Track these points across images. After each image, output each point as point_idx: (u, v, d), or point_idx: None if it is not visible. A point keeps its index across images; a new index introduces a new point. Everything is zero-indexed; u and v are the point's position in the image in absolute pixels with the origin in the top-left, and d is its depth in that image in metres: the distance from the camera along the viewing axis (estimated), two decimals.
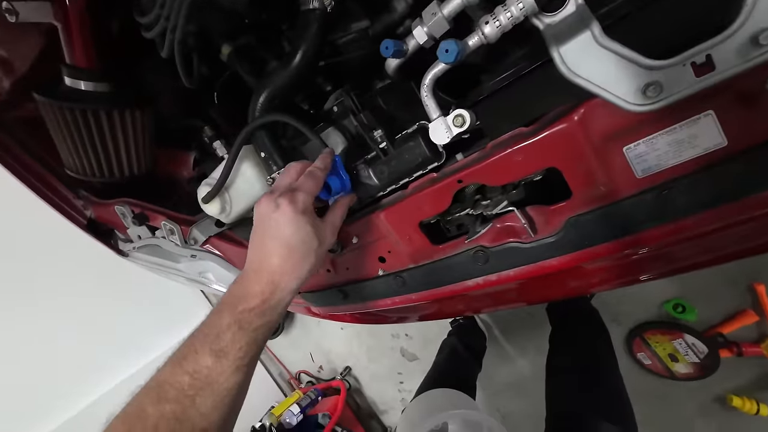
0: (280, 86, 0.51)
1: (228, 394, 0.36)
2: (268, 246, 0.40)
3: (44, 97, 0.58)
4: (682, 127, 0.32)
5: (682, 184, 0.33)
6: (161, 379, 0.35)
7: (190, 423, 0.33)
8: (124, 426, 0.33)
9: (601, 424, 0.73)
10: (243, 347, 0.36)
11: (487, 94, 0.38)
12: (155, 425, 0.32)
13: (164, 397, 0.34)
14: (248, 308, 0.37)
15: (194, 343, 0.36)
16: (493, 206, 0.41)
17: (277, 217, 0.39)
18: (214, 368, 0.35)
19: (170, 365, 0.36)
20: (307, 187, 0.41)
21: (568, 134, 0.34)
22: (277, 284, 0.39)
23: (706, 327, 1.05)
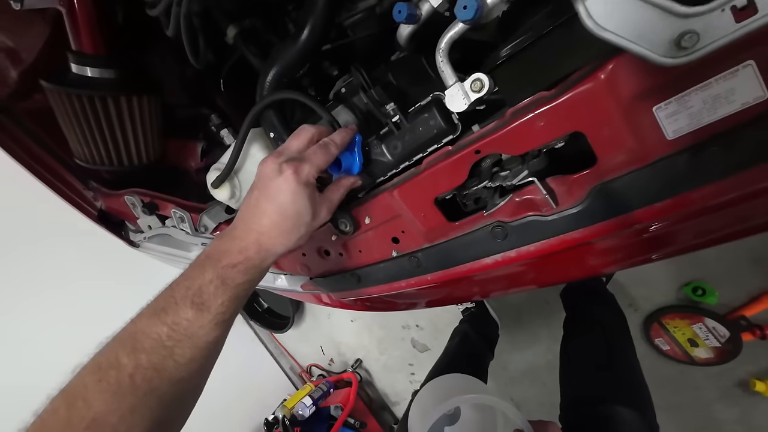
0: (288, 63, 0.49)
1: (206, 347, 0.35)
2: (262, 207, 0.40)
3: (51, 83, 0.57)
4: (718, 81, 0.30)
5: (718, 143, 0.31)
6: (136, 330, 0.34)
7: (167, 373, 0.33)
8: (95, 376, 0.32)
9: (618, 409, 0.71)
10: (225, 302, 0.36)
11: (506, 58, 0.36)
12: (131, 374, 0.31)
13: (140, 348, 0.33)
14: (231, 264, 0.37)
15: (174, 295, 0.35)
16: (513, 177, 0.39)
17: (279, 182, 0.39)
18: (194, 321, 0.34)
19: (146, 316, 0.35)
20: (316, 161, 0.41)
21: (593, 95, 0.32)
22: (261, 245, 0.39)
23: (728, 310, 1.02)
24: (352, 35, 0.58)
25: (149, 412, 0.32)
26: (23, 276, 1.41)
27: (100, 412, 0.30)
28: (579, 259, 0.52)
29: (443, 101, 0.42)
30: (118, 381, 0.31)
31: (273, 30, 0.66)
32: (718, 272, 1.00)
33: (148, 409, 0.32)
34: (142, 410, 0.31)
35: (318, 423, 1.71)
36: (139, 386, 0.31)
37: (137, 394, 0.31)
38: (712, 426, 1.18)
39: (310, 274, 0.67)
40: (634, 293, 1.15)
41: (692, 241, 0.43)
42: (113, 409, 0.30)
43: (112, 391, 0.31)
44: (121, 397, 0.31)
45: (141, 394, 0.31)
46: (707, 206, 0.34)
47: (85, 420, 0.29)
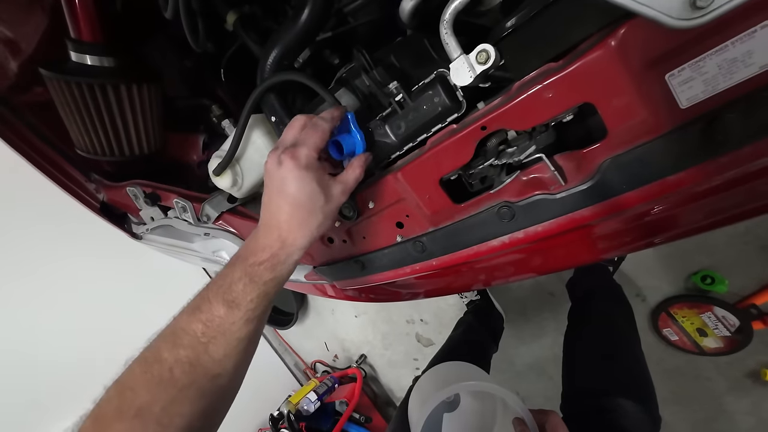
0: (288, 45, 0.49)
1: (239, 344, 0.37)
2: (275, 202, 0.40)
3: (50, 72, 0.57)
4: (734, 43, 0.28)
5: (736, 110, 0.30)
6: (176, 327, 0.36)
7: (203, 368, 0.35)
8: (141, 368, 0.34)
9: (620, 400, 0.70)
10: (254, 299, 0.37)
11: (512, 29, 0.35)
12: (170, 368, 0.34)
13: (179, 343, 0.35)
14: (258, 262, 0.38)
15: (208, 294, 0.37)
16: (520, 153, 0.38)
17: (282, 173, 0.39)
18: (226, 318, 0.36)
19: (185, 314, 0.37)
20: (309, 142, 0.40)
21: (603, 63, 0.31)
22: (284, 240, 0.39)
23: (738, 298, 1.00)
24: (353, 22, 0.57)
25: (189, 403, 0.34)
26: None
27: (145, 402, 0.33)
28: (588, 241, 0.51)
29: (447, 78, 0.41)
30: (160, 374, 0.34)
31: (273, 17, 0.65)
32: (728, 260, 0.98)
33: (188, 400, 0.34)
34: (182, 402, 0.34)
35: (323, 418, 1.71)
36: (178, 379, 0.34)
37: (177, 386, 0.34)
38: (722, 417, 1.16)
39: (314, 262, 0.67)
40: (641, 283, 1.14)
41: (707, 219, 0.42)
42: (156, 400, 0.33)
43: (155, 382, 0.33)
44: (163, 389, 0.33)
45: (180, 386, 0.34)
46: (724, 178, 0.33)
47: (132, 408, 0.32)
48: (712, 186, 0.35)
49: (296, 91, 0.65)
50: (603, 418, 0.70)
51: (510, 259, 0.59)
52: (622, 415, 0.69)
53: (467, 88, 0.41)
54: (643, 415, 0.69)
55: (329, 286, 0.83)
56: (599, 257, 0.55)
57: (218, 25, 0.62)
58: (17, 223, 1.35)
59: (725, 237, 0.95)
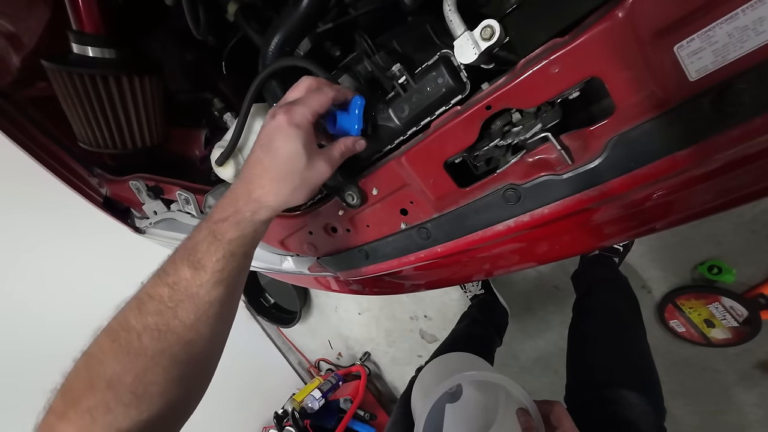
0: (290, 31, 0.48)
1: (211, 308, 0.35)
2: (255, 154, 0.38)
3: (52, 63, 0.56)
4: (745, 11, 0.28)
5: (746, 80, 0.29)
6: (142, 293, 0.34)
7: (174, 334, 0.33)
8: (109, 338, 0.33)
9: (624, 392, 0.70)
10: (219, 260, 0.35)
11: (516, 4, 0.35)
12: (139, 335, 0.32)
13: (146, 310, 0.33)
14: (222, 218, 0.36)
15: (174, 257, 0.35)
16: (526, 131, 0.38)
17: (271, 127, 0.37)
18: (192, 280, 0.34)
19: (152, 279, 0.35)
20: (309, 103, 0.38)
21: (611, 35, 0.31)
22: (251, 193, 0.37)
23: (746, 288, 0.99)
24: (354, 12, 0.57)
25: (162, 371, 0.32)
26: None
27: (115, 372, 0.31)
28: (594, 225, 0.51)
29: (451, 59, 0.41)
30: (129, 342, 0.32)
31: (273, 6, 0.65)
32: (735, 249, 0.97)
33: (161, 368, 0.32)
34: (155, 369, 0.32)
35: (328, 416, 1.71)
36: (147, 347, 0.32)
37: (148, 354, 0.32)
38: (731, 409, 1.15)
39: (317, 253, 0.66)
40: (646, 275, 1.13)
41: (718, 199, 0.41)
42: (128, 369, 0.31)
43: (125, 351, 0.32)
44: (134, 358, 0.32)
45: (151, 354, 0.32)
46: (736, 152, 0.32)
47: (103, 379, 0.31)
48: (723, 162, 0.35)
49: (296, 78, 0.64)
50: (606, 410, 0.69)
51: (514, 246, 0.58)
52: (626, 406, 0.68)
53: (471, 68, 0.40)
54: (647, 407, 0.68)
55: (333, 279, 0.83)
56: (606, 242, 0.55)
57: (219, 17, 0.62)
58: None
59: (732, 226, 0.94)
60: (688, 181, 0.40)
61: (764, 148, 0.33)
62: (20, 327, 1.40)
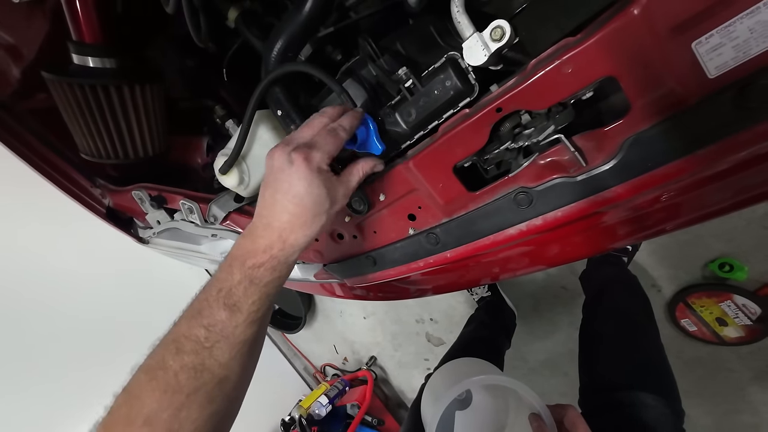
0: (292, 36, 0.47)
1: (243, 347, 0.37)
2: (279, 202, 0.39)
3: (52, 74, 0.56)
4: (767, 4, 0.27)
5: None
6: (178, 334, 0.36)
7: (210, 372, 0.35)
8: (147, 376, 0.34)
9: (641, 395, 0.68)
10: (255, 301, 0.37)
11: (527, 4, 0.34)
12: (176, 374, 0.34)
13: (182, 350, 0.35)
14: (257, 264, 0.37)
15: (208, 298, 0.37)
16: (538, 133, 0.37)
17: (291, 173, 0.38)
18: (228, 322, 0.36)
19: (185, 320, 0.37)
20: (325, 147, 0.39)
21: (626, 33, 0.30)
22: (285, 240, 0.38)
23: (759, 285, 0.97)
24: (355, 16, 0.56)
25: (198, 408, 0.34)
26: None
27: (153, 409, 0.33)
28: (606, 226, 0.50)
29: (458, 61, 0.40)
30: (166, 381, 0.34)
31: (273, 12, 0.64)
32: (746, 246, 0.95)
33: (196, 405, 0.34)
34: (191, 407, 0.34)
35: (335, 422, 1.69)
36: (184, 385, 0.34)
37: (184, 392, 0.33)
38: (746, 409, 1.13)
39: (324, 260, 0.65)
40: (656, 273, 1.11)
41: (736, 197, 0.40)
42: (164, 407, 0.33)
43: (162, 390, 0.33)
44: (171, 396, 0.33)
45: (188, 392, 0.34)
46: (759, 149, 0.31)
47: (141, 416, 0.32)
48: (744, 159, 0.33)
49: (299, 85, 0.64)
50: (623, 413, 0.67)
51: (525, 249, 0.57)
52: (643, 409, 0.67)
53: (479, 70, 0.39)
54: (665, 409, 0.67)
55: (337, 285, 0.82)
56: (617, 244, 0.54)
57: (219, 24, 0.61)
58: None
59: (743, 222, 0.93)
60: (705, 180, 0.39)
61: None
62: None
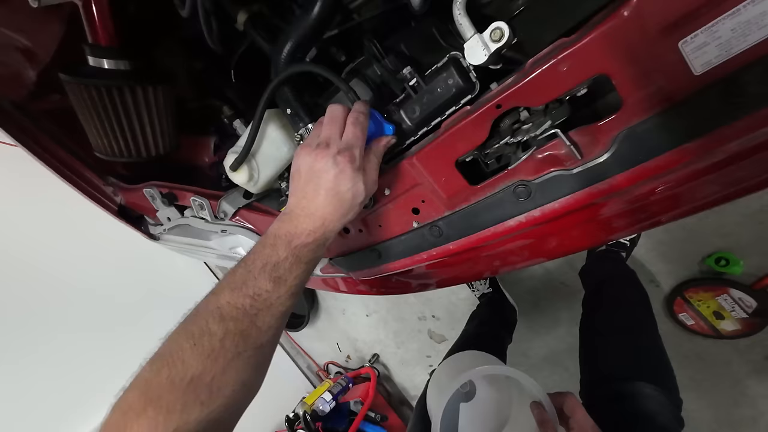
0: (301, 38, 0.50)
1: (281, 316, 0.40)
2: (321, 195, 0.43)
3: (69, 76, 0.58)
4: (747, 6, 0.29)
5: (751, 72, 0.30)
6: (221, 302, 0.38)
7: (252, 339, 0.37)
8: (189, 342, 0.35)
9: (640, 385, 0.70)
10: (298, 276, 0.41)
11: (524, 6, 0.36)
12: (221, 340, 0.36)
13: (228, 317, 0.37)
14: (302, 244, 0.42)
15: (252, 271, 0.40)
16: (536, 128, 0.39)
17: (337, 174, 0.42)
18: (273, 292, 0.39)
19: (228, 291, 0.39)
20: (359, 144, 0.44)
21: (617, 33, 0.32)
22: (327, 226, 0.43)
23: (754, 279, 0.99)
24: (359, 18, 0.58)
25: (236, 373, 0.36)
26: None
27: (196, 372, 0.34)
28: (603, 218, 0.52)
29: (460, 60, 0.42)
30: (211, 346, 0.35)
31: (280, 15, 0.67)
32: (742, 240, 0.97)
33: (235, 370, 0.36)
34: (231, 372, 0.36)
35: (338, 418, 1.71)
36: (228, 350, 0.36)
37: (227, 357, 0.35)
38: (744, 402, 1.15)
39: (330, 254, 0.68)
40: (654, 268, 1.13)
41: (725, 189, 0.42)
42: (208, 370, 0.35)
43: (206, 354, 0.35)
44: (214, 360, 0.35)
45: (230, 357, 0.36)
46: (743, 143, 0.33)
47: (185, 380, 0.34)
48: (730, 153, 0.35)
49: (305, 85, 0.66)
50: (623, 403, 0.69)
51: (525, 242, 0.59)
52: (642, 399, 0.68)
53: (480, 69, 0.42)
54: (664, 399, 0.69)
55: (341, 280, 0.84)
56: (614, 236, 0.56)
57: (227, 26, 0.64)
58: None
59: (738, 217, 0.95)
60: (696, 173, 0.41)
61: None
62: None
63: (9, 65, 0.69)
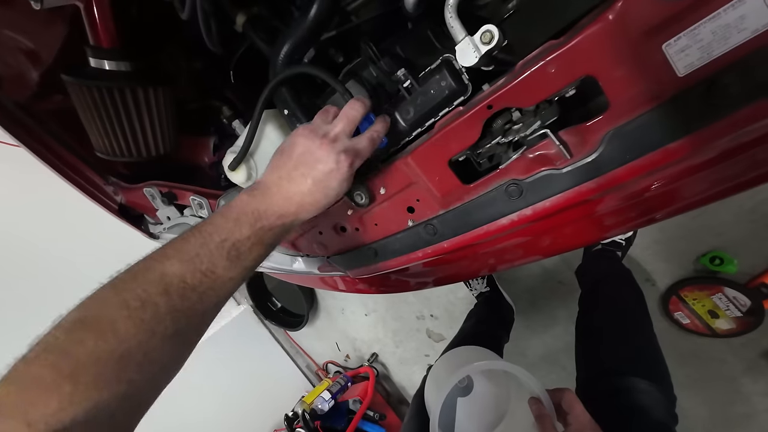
0: (299, 40, 0.51)
1: (227, 294, 0.38)
2: (309, 187, 0.42)
3: (71, 77, 0.59)
4: (726, 10, 0.30)
5: (731, 74, 0.32)
6: (167, 272, 0.34)
7: (194, 318, 0.34)
8: (123, 312, 0.31)
9: (634, 380, 0.71)
10: (255, 258, 0.39)
11: (513, 10, 0.37)
12: (163, 314, 0.32)
13: (173, 290, 0.33)
14: (269, 226, 0.40)
15: (208, 245, 0.36)
16: (526, 128, 0.40)
17: (334, 172, 0.42)
18: (226, 272, 0.36)
19: (177, 261, 0.34)
20: (366, 154, 0.44)
21: (603, 36, 0.33)
22: (298, 214, 0.42)
23: (748, 278, 1.00)
24: (356, 20, 0.59)
25: (170, 351, 0.33)
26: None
27: (130, 347, 0.30)
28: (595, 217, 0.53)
29: (453, 63, 0.43)
30: (150, 319, 0.31)
31: (279, 17, 0.68)
32: (736, 240, 0.98)
33: (170, 347, 0.33)
34: (164, 349, 0.32)
35: (337, 416, 1.72)
36: (168, 327, 0.32)
37: (166, 334, 0.32)
38: (738, 399, 1.16)
39: (327, 252, 0.69)
40: (649, 267, 1.14)
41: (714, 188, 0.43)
42: (141, 346, 0.31)
43: (144, 328, 0.31)
44: (151, 335, 0.31)
45: (169, 334, 0.32)
46: (726, 142, 0.34)
47: (114, 354, 0.29)
48: (714, 152, 0.37)
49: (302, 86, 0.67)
50: (618, 398, 0.70)
51: (519, 240, 0.60)
52: (637, 393, 0.69)
53: (472, 71, 0.43)
54: (659, 394, 0.70)
55: (339, 279, 0.85)
56: (607, 234, 0.57)
57: (226, 28, 0.65)
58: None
59: (732, 216, 0.96)
60: (683, 172, 0.42)
61: (752, 138, 0.35)
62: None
63: (12, 66, 0.70)
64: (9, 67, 0.71)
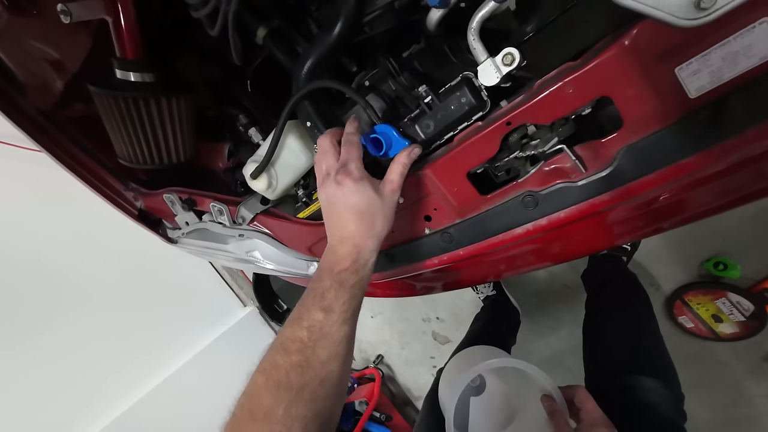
0: (322, 55, 0.53)
1: (340, 344, 0.41)
2: (343, 217, 0.45)
3: (98, 88, 0.62)
4: (736, 38, 0.32)
5: (739, 96, 0.34)
6: (285, 337, 0.41)
7: (313, 370, 0.39)
8: (263, 376, 0.39)
9: (642, 379, 0.72)
10: (345, 302, 0.43)
11: (533, 32, 0.39)
12: (287, 372, 0.38)
13: (290, 350, 0.40)
14: (343, 269, 0.44)
15: (305, 304, 0.42)
16: (543, 144, 0.42)
17: (343, 191, 0.45)
18: (325, 322, 0.41)
19: (289, 326, 0.42)
20: (353, 157, 0.46)
21: (619, 60, 0.35)
22: (359, 246, 0.45)
23: (751, 283, 1.02)
24: (370, 31, 0.61)
25: (304, 405, 0.38)
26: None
27: (270, 405, 0.37)
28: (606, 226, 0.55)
29: (472, 80, 0.45)
30: (279, 379, 0.38)
31: (297, 30, 0.70)
32: (739, 245, 1.00)
33: (303, 401, 0.38)
34: (299, 403, 0.38)
35: (344, 417, 1.74)
36: (294, 382, 0.38)
37: (294, 389, 0.38)
38: (742, 402, 1.17)
39: None
40: (654, 272, 1.16)
41: (719, 200, 0.45)
42: (279, 402, 0.37)
43: (275, 387, 0.38)
44: (283, 392, 0.37)
45: (297, 389, 0.38)
46: (733, 159, 0.36)
47: (261, 412, 0.37)
48: (722, 167, 0.39)
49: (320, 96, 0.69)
50: (626, 396, 0.71)
51: (531, 247, 0.62)
52: (644, 391, 0.71)
53: (491, 87, 0.45)
54: (666, 392, 0.71)
55: None
56: (616, 243, 0.59)
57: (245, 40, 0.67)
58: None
59: (736, 222, 0.98)
60: (690, 184, 0.44)
61: (757, 155, 0.37)
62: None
63: (37, 75, 0.72)
64: (34, 76, 0.73)
